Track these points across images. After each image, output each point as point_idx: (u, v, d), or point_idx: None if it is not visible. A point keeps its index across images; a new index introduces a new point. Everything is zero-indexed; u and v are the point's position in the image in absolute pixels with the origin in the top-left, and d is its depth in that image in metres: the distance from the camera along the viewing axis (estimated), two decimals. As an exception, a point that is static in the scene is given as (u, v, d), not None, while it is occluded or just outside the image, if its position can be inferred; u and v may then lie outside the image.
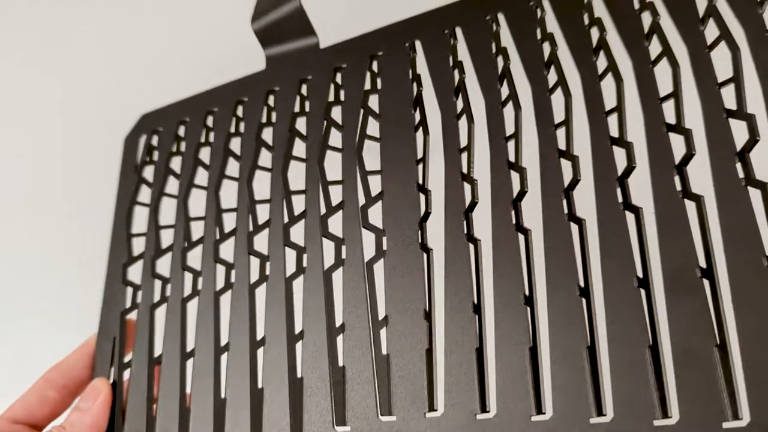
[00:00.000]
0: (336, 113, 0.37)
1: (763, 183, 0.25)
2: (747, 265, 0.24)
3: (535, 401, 0.26)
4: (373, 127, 0.35)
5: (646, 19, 0.31)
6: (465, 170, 0.31)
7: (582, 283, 0.27)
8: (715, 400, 0.23)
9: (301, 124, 0.38)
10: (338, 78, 0.38)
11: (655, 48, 0.30)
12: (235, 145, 0.40)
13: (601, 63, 0.31)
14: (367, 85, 0.36)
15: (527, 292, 0.28)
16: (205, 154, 0.41)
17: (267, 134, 0.39)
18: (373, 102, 0.36)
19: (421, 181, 0.32)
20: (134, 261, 0.40)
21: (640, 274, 0.26)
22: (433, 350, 0.29)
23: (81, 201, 0.59)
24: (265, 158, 0.38)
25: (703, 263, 0.25)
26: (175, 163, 0.42)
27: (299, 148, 0.37)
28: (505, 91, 0.32)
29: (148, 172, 0.43)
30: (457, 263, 0.30)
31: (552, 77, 0.31)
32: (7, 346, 0.60)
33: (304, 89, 0.39)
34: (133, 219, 0.41)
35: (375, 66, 0.37)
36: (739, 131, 0.26)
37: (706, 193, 0.26)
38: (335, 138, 0.36)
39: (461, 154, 0.32)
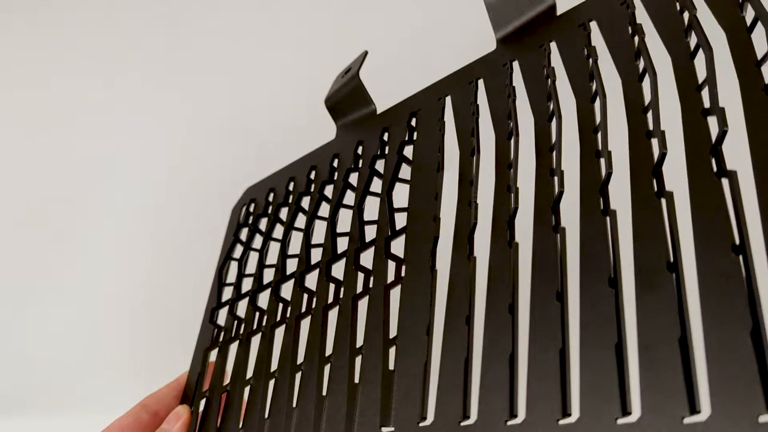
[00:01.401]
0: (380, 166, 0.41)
1: (730, 172, 0.24)
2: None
3: (510, 405, 0.26)
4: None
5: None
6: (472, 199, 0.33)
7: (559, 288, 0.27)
8: (678, 393, 0.22)
9: (353, 178, 0.43)
10: (386, 136, 0.42)
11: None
12: (305, 202, 0.45)
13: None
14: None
15: (511, 301, 0.29)
16: (283, 213, 0.47)
17: (329, 190, 0.44)
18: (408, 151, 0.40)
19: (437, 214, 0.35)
20: (222, 306, 0.46)
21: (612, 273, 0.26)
22: (428, 362, 0.30)
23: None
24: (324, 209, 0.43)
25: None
26: (262, 224, 0.48)
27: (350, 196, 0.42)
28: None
29: (243, 233, 0.50)
30: (455, 280, 0.31)
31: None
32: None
33: (360, 149, 0.44)
34: (226, 271, 0.48)
35: (414, 121, 0.41)
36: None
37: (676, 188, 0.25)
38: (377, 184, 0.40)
39: (471, 186, 0.34)
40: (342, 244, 0.40)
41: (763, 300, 0.22)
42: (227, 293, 0.47)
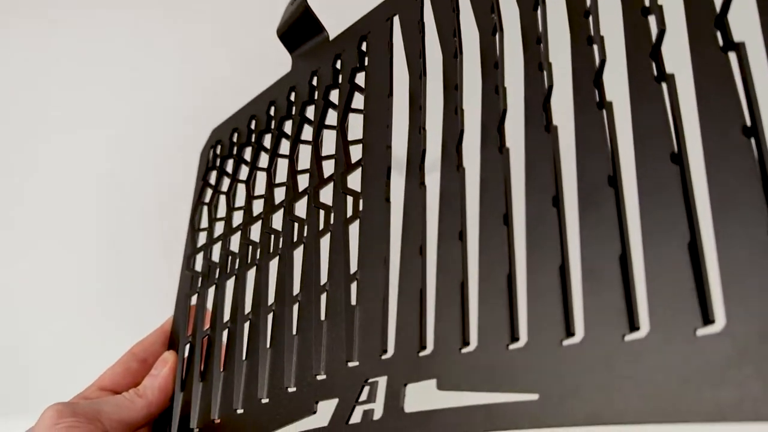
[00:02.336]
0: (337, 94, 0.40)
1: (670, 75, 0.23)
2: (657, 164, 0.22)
3: (462, 334, 0.26)
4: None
5: None
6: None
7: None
8: (618, 312, 0.21)
9: (310, 112, 0.41)
10: (338, 64, 0.41)
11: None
12: (266, 140, 0.44)
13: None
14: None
15: (460, 228, 0.28)
16: (247, 153, 0.46)
17: (289, 125, 0.43)
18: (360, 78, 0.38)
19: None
20: (197, 252, 0.46)
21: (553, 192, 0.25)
22: (387, 296, 0.30)
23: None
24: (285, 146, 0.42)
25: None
26: (228, 165, 0.48)
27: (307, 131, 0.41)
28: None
29: (213, 176, 0.49)
30: (411, 211, 0.31)
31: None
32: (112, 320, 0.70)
33: (314, 80, 0.42)
34: (198, 216, 0.48)
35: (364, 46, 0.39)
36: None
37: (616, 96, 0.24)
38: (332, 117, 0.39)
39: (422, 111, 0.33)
40: (304, 181, 0.39)
41: (704, 213, 0.21)
42: (202, 238, 0.47)
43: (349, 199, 0.35)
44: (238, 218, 0.44)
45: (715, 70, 0.21)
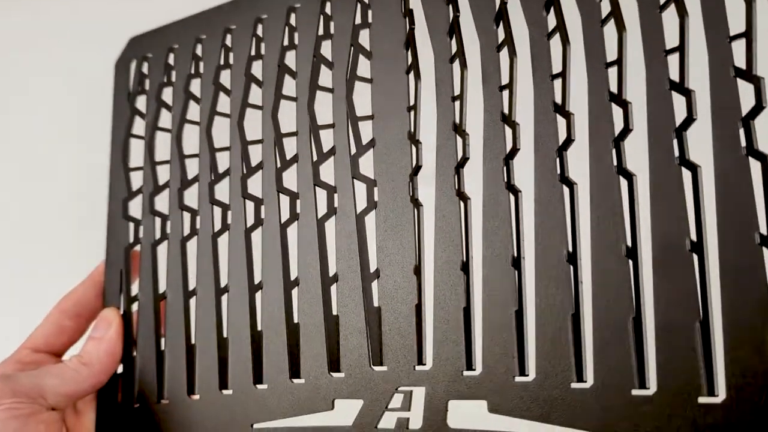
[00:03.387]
0: (327, 48, 0.35)
1: (763, 155, 0.24)
2: (738, 241, 0.24)
3: (519, 362, 0.27)
4: (365, 66, 0.34)
5: None
6: (458, 121, 0.30)
7: (570, 249, 0.27)
8: (694, 374, 0.24)
9: (291, 58, 0.36)
10: (328, 8, 0.36)
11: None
12: (225, 78, 0.38)
13: (605, 6, 0.28)
14: (358, 19, 0.34)
15: (515, 254, 0.28)
16: (196, 86, 0.39)
17: (257, 67, 0.37)
18: (364, 38, 0.34)
19: (412, 131, 0.31)
20: (134, 196, 0.40)
21: (629, 242, 0.26)
22: (422, 305, 0.30)
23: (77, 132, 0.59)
24: (256, 94, 0.37)
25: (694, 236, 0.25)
26: (167, 94, 0.41)
27: (290, 84, 0.36)
28: (502, 32, 0.30)
29: (141, 102, 0.42)
30: (448, 220, 0.30)
31: (551, 20, 0.29)
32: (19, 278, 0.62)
33: (293, 19, 0.37)
34: (129, 153, 0.41)
35: (366, -3, 0.35)
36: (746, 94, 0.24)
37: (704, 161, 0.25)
38: (326, 74, 0.35)
39: (454, 103, 0.30)
40: (290, 146, 0.35)
41: None
42: (137, 180, 0.40)
43: (363, 186, 0.32)
44: (192, 168, 0.38)
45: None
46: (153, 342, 0.37)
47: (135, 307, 0.39)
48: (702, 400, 0.23)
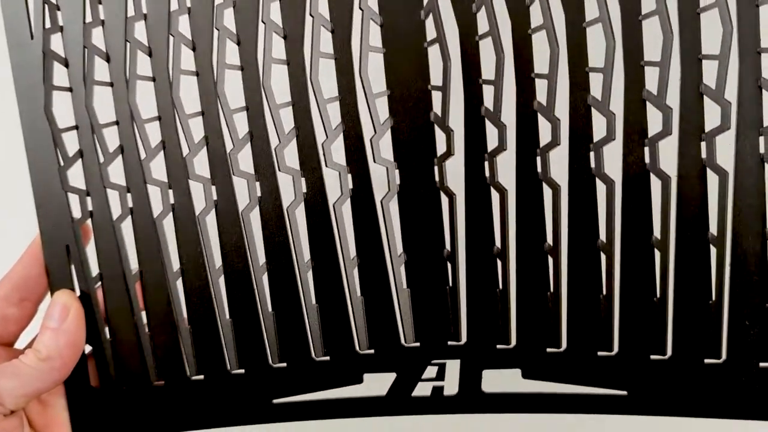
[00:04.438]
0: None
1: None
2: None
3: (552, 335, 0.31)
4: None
5: None
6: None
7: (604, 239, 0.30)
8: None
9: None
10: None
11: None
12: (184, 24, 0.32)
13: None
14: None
15: (550, 243, 0.30)
16: (141, 30, 0.33)
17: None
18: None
19: (440, 115, 0.30)
20: (73, 163, 0.34)
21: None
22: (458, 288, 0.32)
23: None
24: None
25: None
26: (97, 37, 0.33)
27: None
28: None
29: (56, 43, 0.33)
30: (481, 209, 0.31)
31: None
32: None
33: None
34: (52, 110, 0.33)
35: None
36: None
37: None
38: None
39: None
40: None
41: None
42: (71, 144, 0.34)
43: (383, 169, 0.31)
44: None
45: None
46: (131, 322, 0.34)
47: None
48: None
